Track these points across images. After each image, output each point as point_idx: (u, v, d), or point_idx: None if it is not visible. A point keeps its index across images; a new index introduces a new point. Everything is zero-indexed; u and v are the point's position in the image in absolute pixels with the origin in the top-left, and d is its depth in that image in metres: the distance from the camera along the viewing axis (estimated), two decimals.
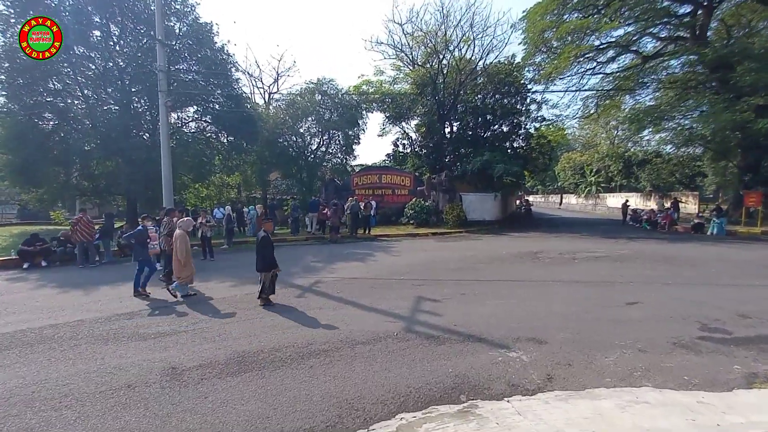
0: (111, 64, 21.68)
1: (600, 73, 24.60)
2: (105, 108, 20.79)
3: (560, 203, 47.81)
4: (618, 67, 24.48)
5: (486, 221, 20.75)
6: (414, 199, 19.96)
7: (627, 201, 24.05)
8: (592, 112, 27.70)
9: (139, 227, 8.48)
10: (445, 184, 19.71)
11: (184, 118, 23.48)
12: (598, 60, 25.01)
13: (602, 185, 39.11)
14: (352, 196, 18.10)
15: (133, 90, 21.85)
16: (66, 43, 19.53)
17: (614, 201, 36.98)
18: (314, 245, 14.77)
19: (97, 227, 12.02)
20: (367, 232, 17.01)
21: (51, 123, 20.78)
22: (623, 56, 24.66)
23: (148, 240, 8.36)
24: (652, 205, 28.99)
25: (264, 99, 31.83)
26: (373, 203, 18.28)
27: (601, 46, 22.65)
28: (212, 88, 22.60)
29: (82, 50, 20.79)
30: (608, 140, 38.20)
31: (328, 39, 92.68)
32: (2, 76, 18.79)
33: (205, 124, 23.83)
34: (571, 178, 42.49)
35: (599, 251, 12.43)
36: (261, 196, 27.59)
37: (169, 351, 5.05)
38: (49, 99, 20.19)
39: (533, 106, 24.92)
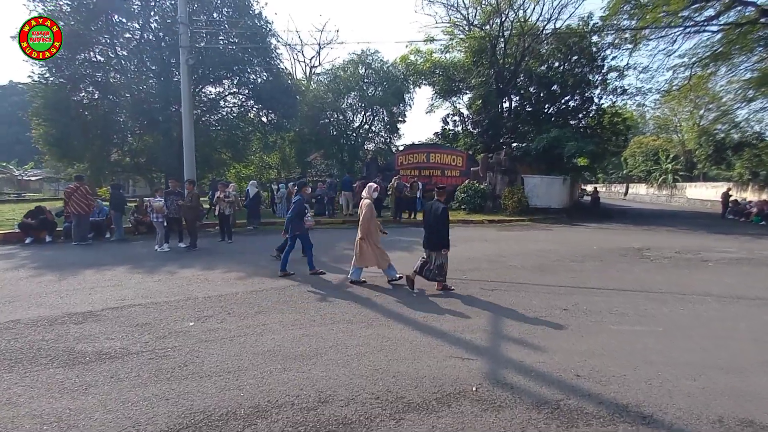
0: (150, 36, 20.46)
1: (705, 30, 19.95)
2: (144, 80, 19.61)
3: (625, 193, 42.36)
4: (723, 24, 19.66)
5: (552, 209, 17.45)
6: (467, 181, 17.09)
7: (729, 190, 19.62)
8: (682, 84, 22.94)
9: (298, 197, 6.86)
10: (504, 165, 16.64)
11: (220, 92, 21.96)
12: (694, 18, 20.38)
13: (680, 173, 33.68)
14: (396, 175, 15.57)
15: (172, 62, 20.50)
16: (106, 10, 18.52)
17: (695, 192, 31.65)
18: (351, 229, 12.46)
19: (104, 202, 10.47)
20: (412, 216, 14.49)
21: (89, 95, 19.99)
22: (731, 11, 19.82)
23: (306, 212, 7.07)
24: (749, 196, 23.96)
25: (305, 73, 29.89)
26: (420, 184, 15.64)
27: None
28: (250, 59, 20.76)
29: (121, 20, 19.68)
30: (691, 120, 32.49)
31: (375, 5, 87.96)
32: None
33: (242, 99, 22.20)
34: (642, 165, 37.12)
35: (730, 251, 9.06)
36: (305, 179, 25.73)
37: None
38: (88, 70, 19.33)
39: (612, 74, 20.82)
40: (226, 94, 22.01)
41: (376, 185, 6.51)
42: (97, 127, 19.28)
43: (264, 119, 22.50)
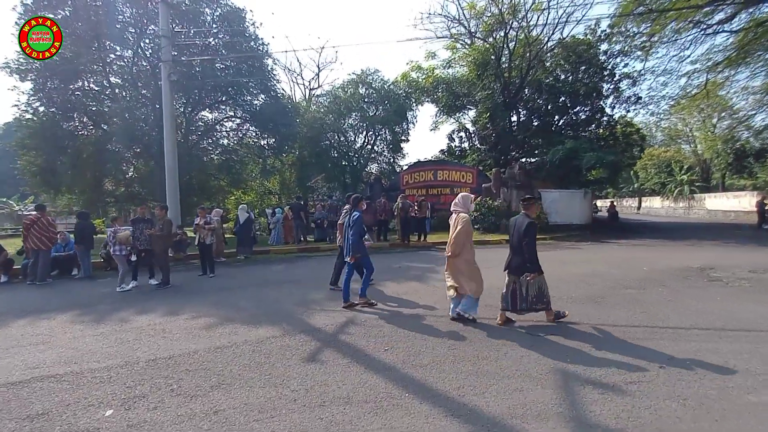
0: (145, 63, 19.76)
1: (722, 31, 18.82)
2: (137, 107, 18.73)
3: (638, 207, 40.57)
4: (737, 25, 18.53)
5: (573, 225, 15.87)
6: (479, 199, 15.63)
7: (765, 199, 17.95)
8: (697, 91, 21.71)
9: (356, 213, 5.79)
10: (519, 179, 15.23)
11: (217, 117, 21.04)
12: (706, 22, 19.34)
13: (696, 185, 32.01)
14: (401, 194, 14.16)
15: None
16: (100, 38, 17.89)
17: (716, 202, 29.87)
18: None
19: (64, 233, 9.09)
20: (422, 239, 12.98)
21: (82, 125, 19.14)
22: (744, 12, 18.77)
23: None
24: None
25: (304, 96, 29.13)
26: (429, 203, 14.22)
27: None
28: (246, 82, 19.89)
29: (115, 47, 19.05)
30: (705, 129, 31.10)
31: (372, 25, 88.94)
32: (32, 75, 17.02)
33: (239, 122, 21.25)
34: (655, 178, 35.54)
35: None
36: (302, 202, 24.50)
37: None
38: (81, 100, 18.57)
39: (624, 83, 19.65)
40: (223, 118, 21.08)
41: (473, 195, 5.43)
42: (88, 156, 18.26)
43: (262, 143, 21.44)
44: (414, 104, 23.68)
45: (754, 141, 24.05)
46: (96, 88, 19.17)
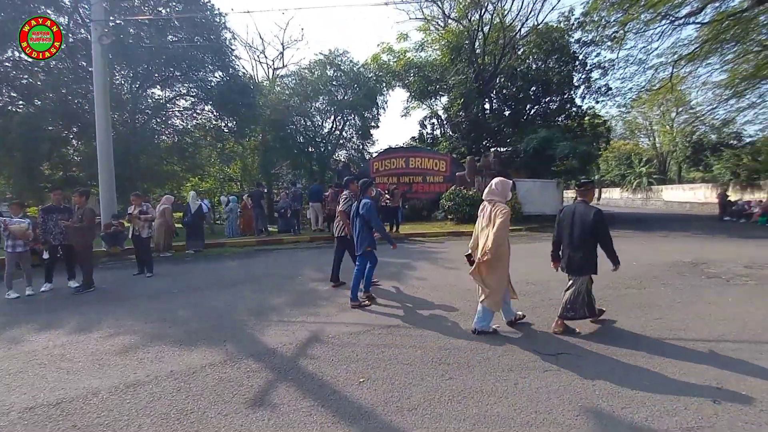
0: (84, 33, 17.36)
1: (692, 23, 18.93)
2: (77, 83, 16.40)
3: (599, 198, 41.79)
4: (707, 18, 18.70)
5: (547, 216, 15.50)
6: (452, 188, 14.91)
7: (726, 190, 18.45)
8: (661, 83, 21.98)
9: (366, 200, 5.06)
10: (494, 168, 14.59)
11: (169, 96, 18.94)
12: (674, 15, 19.44)
13: (654, 176, 33.16)
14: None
15: (113, 61, 17.45)
16: (30, 4, 15.46)
17: (672, 194, 31.07)
18: (320, 248, 9.86)
19: None
20: (395, 230, 12.06)
21: (9, 99, 16.60)
22: (710, 6, 18.99)
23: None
24: (732, 196, 23.17)
25: (267, 76, 27.17)
26: (401, 191, 13.28)
27: None
28: (202, 56, 17.96)
29: (48, 13, 16.54)
30: (663, 123, 32.10)
31: (342, 2, 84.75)
32: None
33: (193, 101, 19.27)
34: (615, 170, 36.55)
35: None
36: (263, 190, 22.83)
37: None
38: (8, 70, 16.09)
39: (596, 73, 19.48)
40: (175, 96, 19.02)
41: (512, 180, 4.38)
42: (18, 136, 15.84)
43: (221, 124, 19.61)
44: (385, 89, 22.53)
45: (711, 135, 24.91)
46: (28, 59, 16.70)
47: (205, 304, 5.12)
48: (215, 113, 19.58)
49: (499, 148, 17.78)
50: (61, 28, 17.26)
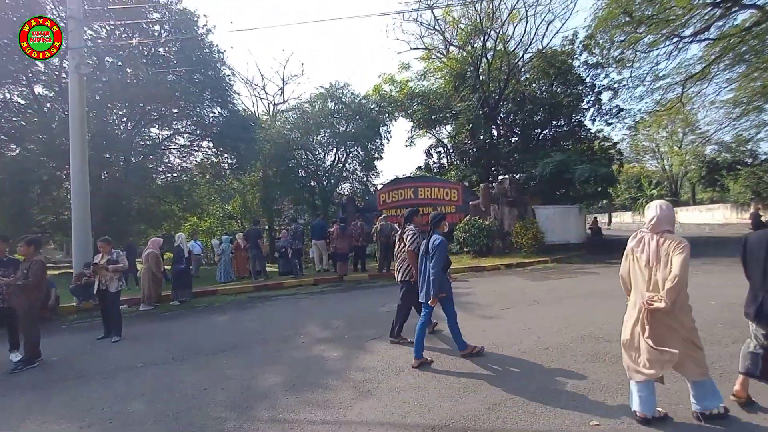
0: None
1: (699, 40, 18.37)
2: (68, 122, 15.71)
3: (609, 222, 40.45)
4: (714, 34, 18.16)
5: (570, 244, 14.20)
6: (467, 218, 13.68)
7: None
8: (668, 105, 21.23)
9: (437, 237, 4.02)
10: (511, 195, 13.42)
11: (163, 134, 18.23)
12: (680, 34, 18.97)
13: (666, 199, 31.95)
14: (383, 216, 11.89)
15: (108, 99, 16.92)
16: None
17: (688, 216, 29.79)
18: (325, 293, 8.50)
19: None
20: None
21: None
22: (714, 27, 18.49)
23: None
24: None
25: (268, 111, 26.74)
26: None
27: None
28: (200, 92, 17.37)
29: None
30: (671, 144, 31.29)
31: (341, 37, 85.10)
32: None
33: (193, 138, 18.53)
34: (624, 193, 35.46)
35: None
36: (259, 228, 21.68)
37: None
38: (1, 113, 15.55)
39: (606, 95, 18.76)
40: (172, 134, 18.29)
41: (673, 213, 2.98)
42: (6, 179, 14.96)
43: (217, 159, 18.76)
44: (388, 119, 21.86)
45: (725, 153, 23.95)
46: (22, 102, 16.19)
47: (173, 388, 3.74)
48: (214, 149, 18.81)
49: (511, 175, 16.71)
50: (55, 69, 16.82)
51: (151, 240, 7.98)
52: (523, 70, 18.57)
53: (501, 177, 15.61)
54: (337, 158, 23.12)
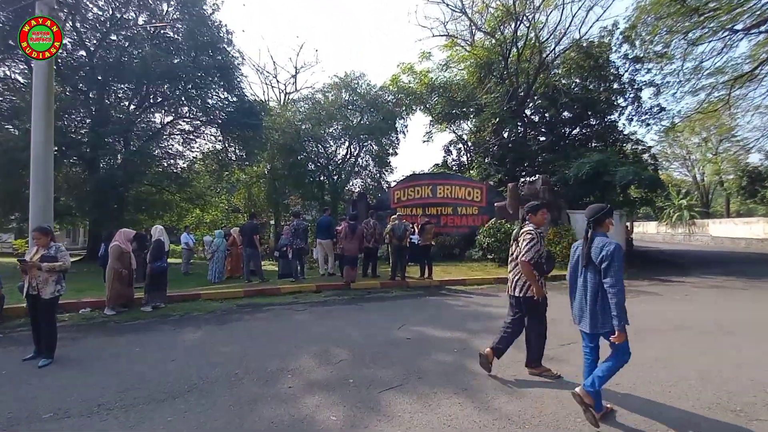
0: (81, 51, 15.85)
1: (756, 32, 16.36)
2: (70, 101, 14.66)
3: (631, 232, 38.08)
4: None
5: None
6: (492, 221, 12.05)
7: None
8: (707, 110, 19.21)
9: (609, 242, 2.66)
10: (544, 196, 11.75)
11: (166, 120, 16.98)
12: (732, 28, 16.97)
13: (696, 209, 29.72)
14: (394, 214, 10.27)
15: (109, 80, 15.79)
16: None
17: (722, 228, 27.61)
18: (328, 304, 6.99)
19: None
20: (426, 274, 9.13)
21: None
22: None
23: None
24: None
25: (279, 100, 25.41)
26: (432, 224, 10.41)
27: None
28: (205, 76, 16.07)
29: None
30: (703, 151, 29.05)
31: (359, 22, 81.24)
32: None
33: (198, 124, 17.23)
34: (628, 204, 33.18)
35: None
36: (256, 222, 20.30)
37: None
38: None
39: (648, 92, 16.92)
40: (176, 118, 17.01)
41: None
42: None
43: (222, 147, 17.42)
44: (405, 112, 20.34)
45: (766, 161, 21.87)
46: (22, 81, 15.11)
47: None
48: (220, 137, 17.50)
49: (539, 176, 15.03)
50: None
51: (120, 231, 6.56)
52: (556, 62, 16.80)
53: (529, 178, 13.92)
54: (349, 152, 21.69)
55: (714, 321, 5.67)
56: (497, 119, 14.63)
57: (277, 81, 27.99)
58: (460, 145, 19.56)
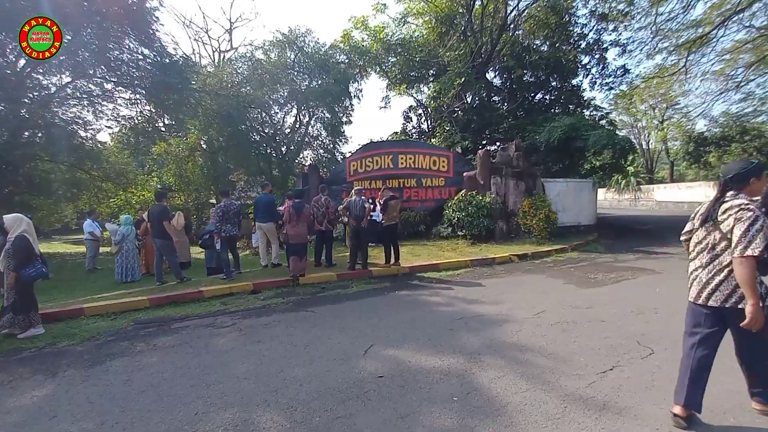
0: None
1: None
2: None
3: None
4: None
5: (582, 227, 11.69)
6: (461, 193, 10.63)
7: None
8: (669, 70, 19.00)
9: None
10: (518, 164, 10.46)
11: (68, 83, 13.51)
12: None
13: (641, 176, 30.75)
14: (353, 189, 8.41)
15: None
16: None
17: (666, 193, 28.76)
18: (264, 314, 5.21)
19: None
20: (393, 261, 7.54)
21: None
22: None
23: None
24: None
25: (213, 60, 22.00)
26: (396, 198, 8.73)
27: None
28: (109, 23, 12.79)
29: None
30: (649, 118, 29.69)
31: None
32: None
33: (110, 86, 13.93)
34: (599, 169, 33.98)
35: None
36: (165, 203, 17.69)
37: None
38: None
39: (613, 52, 16.02)
40: (75, 78, 13.60)
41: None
42: None
43: (138, 114, 14.37)
44: (359, 75, 18.12)
45: (714, 129, 22.44)
46: None
47: None
48: (136, 102, 14.36)
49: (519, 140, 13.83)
50: None
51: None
52: (521, 17, 15.31)
53: (498, 144, 12.61)
54: (298, 120, 19.16)
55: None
56: (462, 79, 12.98)
57: (209, 37, 24.20)
58: (421, 111, 17.81)
